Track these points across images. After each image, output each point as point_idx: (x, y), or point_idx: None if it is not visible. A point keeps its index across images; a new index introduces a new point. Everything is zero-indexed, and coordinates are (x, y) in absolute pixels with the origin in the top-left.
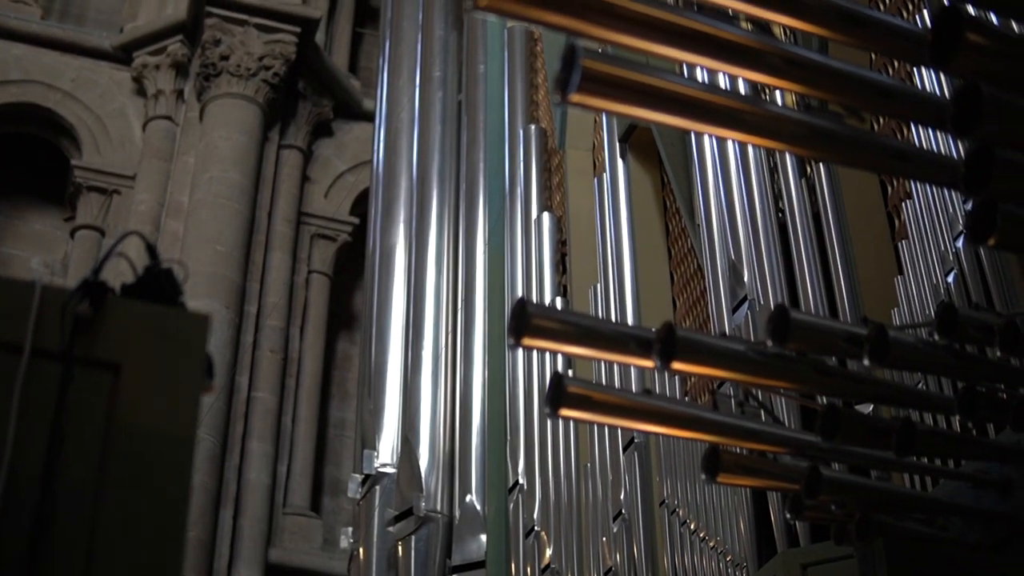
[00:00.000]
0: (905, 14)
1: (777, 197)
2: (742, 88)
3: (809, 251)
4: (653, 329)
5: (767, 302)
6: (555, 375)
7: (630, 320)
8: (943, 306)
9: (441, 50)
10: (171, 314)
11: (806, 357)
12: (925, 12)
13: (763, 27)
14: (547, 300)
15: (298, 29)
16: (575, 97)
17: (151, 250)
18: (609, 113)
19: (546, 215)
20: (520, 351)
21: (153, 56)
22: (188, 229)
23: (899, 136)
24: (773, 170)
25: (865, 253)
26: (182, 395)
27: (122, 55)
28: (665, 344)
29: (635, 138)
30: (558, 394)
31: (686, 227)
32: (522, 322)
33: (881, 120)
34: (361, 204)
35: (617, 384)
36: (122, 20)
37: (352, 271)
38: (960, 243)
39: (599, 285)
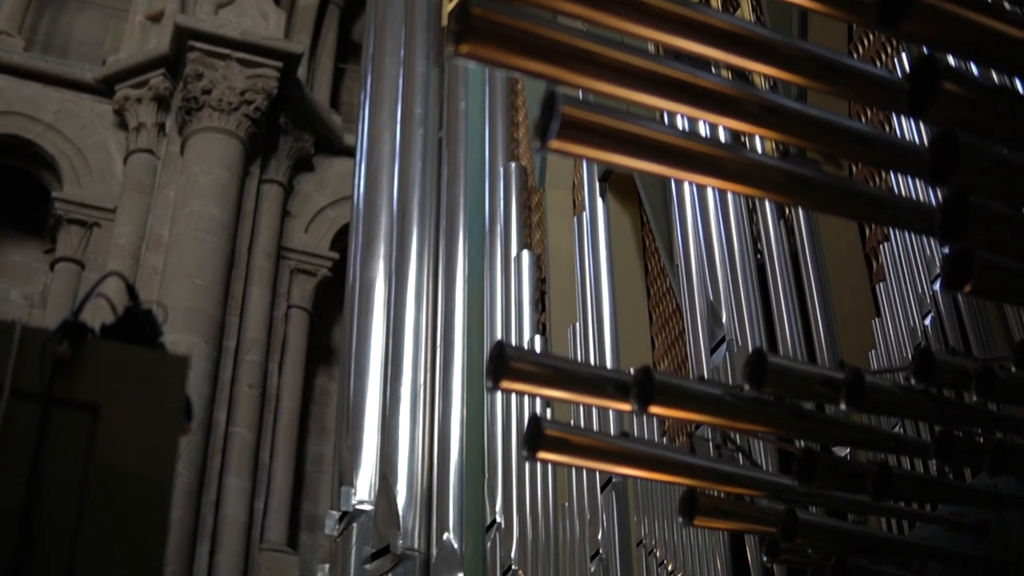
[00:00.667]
0: (883, 56)
1: (756, 238)
2: (722, 135)
3: (787, 292)
4: (631, 371)
5: (745, 343)
6: (532, 417)
7: (608, 359)
8: (920, 351)
9: (423, 87)
10: (150, 356)
11: (783, 401)
12: (903, 55)
13: (742, 75)
14: (526, 338)
15: (280, 64)
16: (554, 144)
17: (131, 291)
18: (588, 160)
19: (526, 253)
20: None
21: (135, 89)
22: (168, 263)
23: (875, 181)
24: (752, 211)
25: (843, 295)
26: (160, 437)
27: (104, 88)
28: (642, 388)
29: (615, 178)
30: (535, 437)
31: (665, 267)
32: (500, 365)
33: (858, 165)
34: (341, 239)
35: (595, 425)
36: (104, 53)
37: (331, 306)
38: (937, 286)
39: (578, 324)
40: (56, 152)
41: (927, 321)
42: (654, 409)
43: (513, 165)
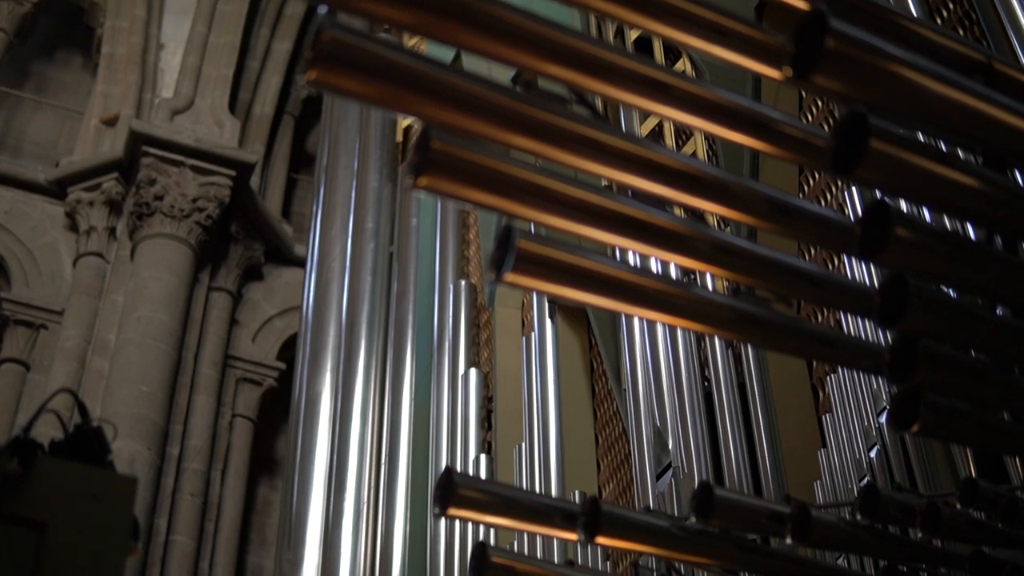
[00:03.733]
0: (834, 189)
1: (703, 365)
2: (673, 272)
3: (734, 421)
4: (576, 498)
5: (691, 471)
6: (479, 545)
7: (554, 481)
8: (865, 488)
9: (375, 201)
10: (99, 475)
11: (729, 534)
12: (854, 189)
13: (695, 213)
14: (471, 457)
15: (233, 173)
16: (509, 277)
17: (81, 407)
18: (541, 293)
19: (473, 371)
20: None
21: (87, 192)
22: (114, 368)
23: (821, 315)
24: (700, 339)
25: (789, 424)
26: (106, 557)
27: (56, 189)
28: (589, 518)
29: None
30: (481, 564)
31: (612, 390)
32: (448, 492)
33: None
34: (288, 350)
35: (540, 550)
36: (58, 154)
37: (276, 416)
38: (883, 419)
39: (524, 444)
40: (5, 252)
41: (873, 453)
42: (600, 540)
43: (463, 283)
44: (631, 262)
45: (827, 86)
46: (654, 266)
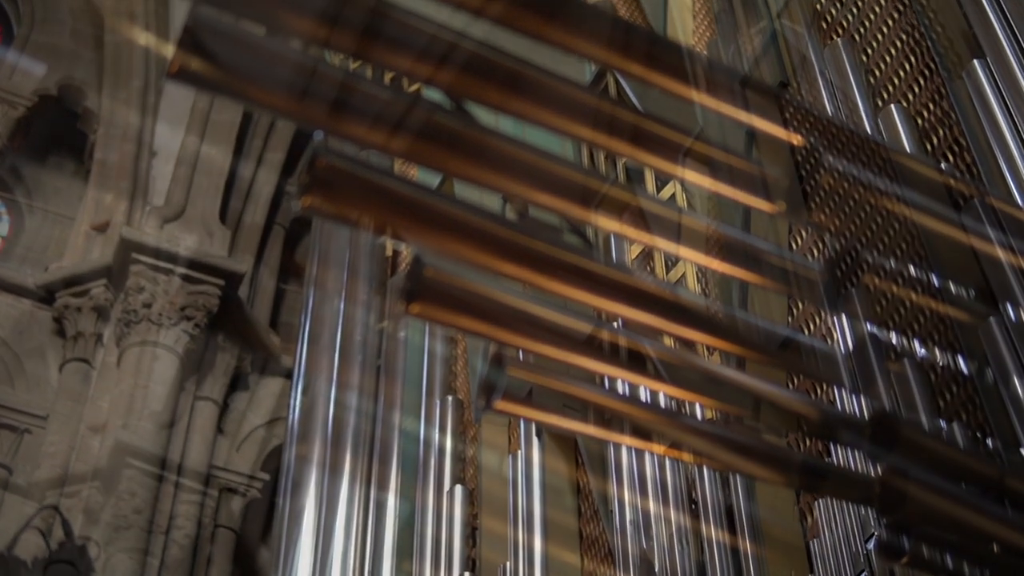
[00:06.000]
0: (817, 320)
1: (691, 488)
2: (662, 400)
3: (721, 544)
4: None
5: None
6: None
7: None
8: None
9: (363, 314)
10: None
11: None
12: (843, 319)
13: (687, 344)
14: (456, 574)
15: (222, 282)
16: (500, 405)
17: (65, 526)
18: (531, 421)
19: (459, 487)
20: None
21: (76, 298)
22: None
23: (805, 444)
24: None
25: (777, 549)
26: None
27: (45, 294)
28: None
29: None
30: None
31: (599, 511)
32: None
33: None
34: (273, 461)
35: None
36: (48, 259)
37: (259, 527)
38: (871, 545)
39: (509, 563)
40: None
41: None
42: None
43: (450, 398)
44: (620, 391)
45: (821, 222)
46: (643, 395)
